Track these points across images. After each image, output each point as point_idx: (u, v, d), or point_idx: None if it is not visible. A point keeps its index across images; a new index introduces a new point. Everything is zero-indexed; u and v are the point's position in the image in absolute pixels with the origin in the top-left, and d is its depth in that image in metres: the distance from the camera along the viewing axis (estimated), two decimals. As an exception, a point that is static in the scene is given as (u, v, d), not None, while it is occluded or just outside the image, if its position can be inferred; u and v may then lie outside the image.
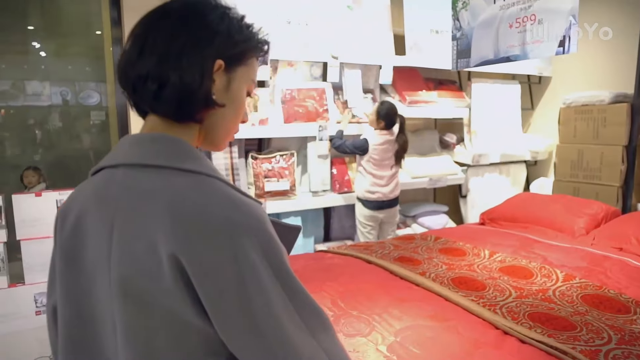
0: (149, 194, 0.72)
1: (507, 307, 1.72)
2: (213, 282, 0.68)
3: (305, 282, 1.77)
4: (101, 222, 0.75)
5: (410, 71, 4.08)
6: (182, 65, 0.75)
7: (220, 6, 0.81)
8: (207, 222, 0.68)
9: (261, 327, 0.69)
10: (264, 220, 0.72)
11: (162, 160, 0.74)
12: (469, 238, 2.58)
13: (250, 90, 0.86)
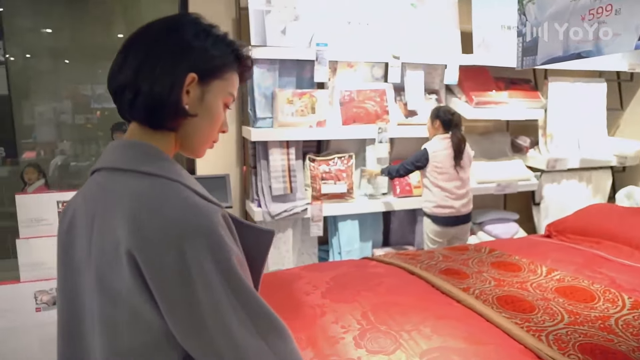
0: (117, 195, 0.80)
1: (555, 334, 1.51)
2: (162, 280, 0.74)
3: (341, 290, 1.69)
4: (85, 220, 0.83)
5: (478, 70, 3.82)
6: (154, 76, 0.82)
7: (199, 24, 0.88)
8: (159, 223, 0.75)
9: (208, 326, 0.74)
10: (214, 224, 0.76)
11: (130, 164, 0.82)
12: (528, 252, 2.33)
13: (227, 102, 0.93)
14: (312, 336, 1.58)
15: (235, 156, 3.61)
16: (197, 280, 0.74)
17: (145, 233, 0.75)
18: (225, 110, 0.95)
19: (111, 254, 0.77)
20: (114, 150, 0.86)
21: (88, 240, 0.82)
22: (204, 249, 0.74)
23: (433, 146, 3.17)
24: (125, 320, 0.77)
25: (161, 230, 0.74)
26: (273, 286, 2.05)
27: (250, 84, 3.27)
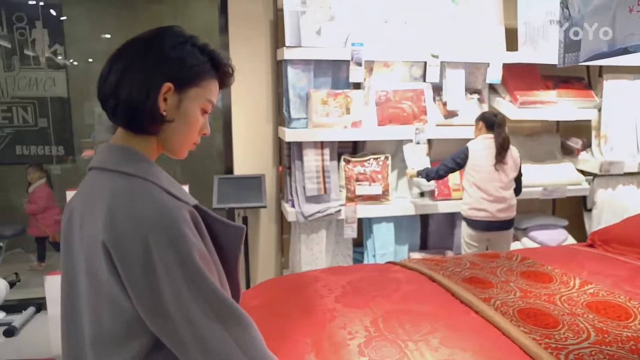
0: (101, 192, 0.88)
1: (577, 353, 1.38)
2: (129, 271, 0.82)
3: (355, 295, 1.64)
4: (79, 214, 0.92)
5: (525, 68, 3.61)
6: (132, 86, 0.89)
7: (178, 36, 0.94)
8: (128, 219, 0.83)
9: (171, 313, 0.82)
10: (177, 221, 0.84)
11: (113, 165, 0.90)
12: (563, 261, 2.16)
13: (205, 108, 0.97)
14: (318, 341, 1.54)
15: (271, 157, 3.63)
16: (159, 271, 0.81)
17: (116, 228, 0.83)
18: (204, 116, 0.99)
19: (94, 245, 0.85)
20: (101, 152, 0.94)
21: (80, 233, 0.91)
22: (166, 243, 0.82)
23: (474, 144, 3.07)
24: (105, 305, 0.86)
25: (129, 226, 0.83)
26: (290, 288, 2.03)
27: (285, 84, 3.27)
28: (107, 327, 0.86)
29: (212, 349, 0.83)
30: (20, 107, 4.27)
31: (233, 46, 3.47)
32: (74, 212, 0.94)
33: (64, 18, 4.40)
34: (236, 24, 3.45)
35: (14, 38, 4.16)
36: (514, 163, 3.06)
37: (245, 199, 3.29)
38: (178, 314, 0.82)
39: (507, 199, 3.02)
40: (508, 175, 3.04)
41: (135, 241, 0.82)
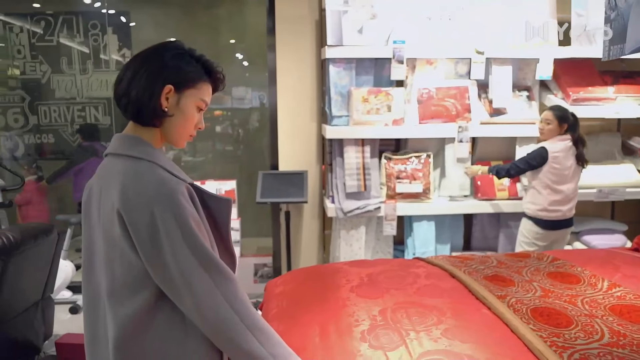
0: (114, 173, 1.09)
1: (583, 353, 1.34)
2: (138, 232, 1.03)
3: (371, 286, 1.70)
4: (97, 191, 1.13)
5: (581, 63, 3.43)
6: (139, 88, 1.09)
7: (178, 48, 1.16)
8: (136, 191, 1.04)
9: (169, 267, 1.03)
10: (176, 193, 1.05)
11: (124, 150, 1.12)
12: (597, 264, 2.05)
13: (200, 106, 1.17)
14: (325, 325, 1.60)
15: (315, 154, 3.72)
16: (161, 233, 1.02)
17: (128, 199, 1.04)
18: (199, 113, 1.19)
19: (110, 213, 1.07)
20: (115, 141, 1.16)
21: (98, 205, 1.12)
22: (167, 210, 1.03)
23: (554, 146, 2.94)
24: (118, 261, 1.07)
25: (138, 198, 1.04)
26: (314, 277, 2.10)
27: (327, 82, 3.35)
28: (120, 280, 1.07)
29: (200, 295, 1.03)
30: (92, 107, 4.66)
31: (279, 46, 3.61)
32: (93, 189, 1.15)
33: (133, 24, 4.75)
34: (283, 25, 3.58)
35: (89, 44, 4.55)
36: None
37: (287, 194, 3.41)
38: (175, 266, 1.03)
39: (576, 197, 3.03)
40: (579, 175, 3.03)
41: (143, 210, 1.03)
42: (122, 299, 1.07)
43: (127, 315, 1.06)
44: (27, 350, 2.76)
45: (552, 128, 2.95)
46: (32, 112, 4.63)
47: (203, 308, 1.03)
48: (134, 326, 1.06)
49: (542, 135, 3.01)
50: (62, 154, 4.75)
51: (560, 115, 2.95)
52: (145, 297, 1.06)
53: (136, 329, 1.06)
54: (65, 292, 3.75)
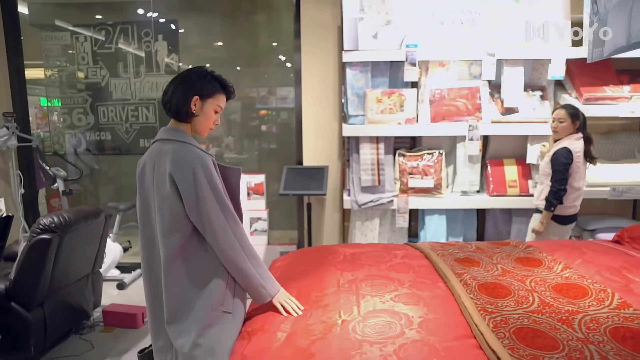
0: (165, 152, 1.68)
1: (506, 316, 1.59)
2: (183, 185, 1.62)
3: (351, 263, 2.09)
4: (150, 165, 1.71)
5: (599, 63, 3.51)
6: (177, 97, 1.72)
7: (203, 71, 1.77)
8: (180, 161, 1.64)
9: (200, 209, 1.63)
10: (206, 161, 1.66)
11: (170, 137, 1.72)
12: (565, 251, 2.24)
13: (216, 110, 1.80)
14: (301, 289, 1.94)
15: (336, 150, 4.07)
16: (197, 185, 1.63)
17: (176, 166, 1.64)
18: (216, 114, 1.82)
19: (163, 177, 1.65)
20: (162, 132, 1.77)
21: (151, 174, 1.70)
22: (201, 170, 1.63)
23: (575, 146, 3.06)
24: (167, 209, 1.66)
25: (183, 164, 1.64)
26: (311, 256, 2.45)
27: (344, 85, 3.69)
28: (167, 221, 1.66)
29: (216, 228, 1.65)
30: (144, 107, 5.24)
31: (304, 49, 3.98)
32: (146, 164, 1.74)
33: (181, 31, 5.31)
34: (307, 30, 3.96)
35: (142, 50, 5.14)
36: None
37: (308, 187, 3.78)
38: (203, 208, 1.64)
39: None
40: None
41: (187, 171, 1.63)
42: (168, 235, 1.67)
43: (172, 244, 1.66)
44: (79, 314, 3.31)
45: (566, 126, 3.06)
46: (93, 112, 5.27)
47: (218, 236, 1.65)
48: (175, 252, 1.67)
49: (556, 134, 3.11)
50: (118, 150, 5.37)
51: (573, 113, 3.06)
52: (183, 233, 1.67)
53: (176, 253, 1.67)
54: (114, 270, 4.32)
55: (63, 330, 3.19)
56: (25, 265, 2.81)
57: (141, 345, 3.11)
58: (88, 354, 3.07)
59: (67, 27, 5.21)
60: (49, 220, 2.85)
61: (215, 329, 1.66)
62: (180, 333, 1.67)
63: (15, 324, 2.79)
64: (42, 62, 5.19)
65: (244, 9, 5.52)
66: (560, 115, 3.11)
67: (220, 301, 1.68)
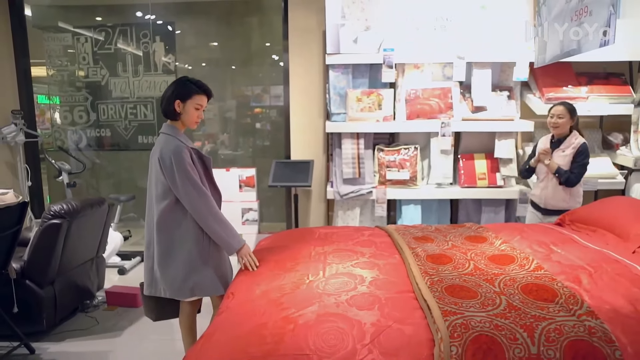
0: (160, 141, 2.36)
1: (441, 277, 1.99)
2: (166, 170, 2.28)
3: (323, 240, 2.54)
4: (154, 152, 2.35)
5: (560, 66, 3.95)
6: (166, 101, 2.36)
7: (182, 80, 2.38)
8: (165, 150, 2.29)
9: (178, 185, 2.27)
10: (180, 150, 2.27)
11: (165, 131, 2.38)
12: (508, 231, 2.64)
13: (197, 107, 2.36)
14: (280, 260, 2.35)
15: (322, 146, 4.48)
16: (175, 169, 2.24)
17: (162, 153, 2.27)
18: (198, 111, 2.37)
19: (156, 161, 2.29)
20: (162, 127, 2.40)
21: (154, 159, 2.31)
22: (177, 159, 2.25)
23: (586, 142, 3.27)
24: (159, 183, 2.30)
25: (166, 153, 2.26)
26: (293, 236, 2.85)
27: (328, 85, 4.10)
28: (160, 192, 2.30)
29: (191, 199, 2.25)
30: (142, 105, 5.64)
31: (292, 52, 4.40)
32: (152, 152, 2.35)
33: (178, 32, 5.71)
34: (295, 33, 4.37)
35: (140, 50, 5.53)
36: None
37: (294, 179, 4.19)
38: (180, 184, 2.24)
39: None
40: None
41: (167, 158, 2.24)
42: (160, 200, 2.31)
43: (162, 208, 2.30)
44: (85, 293, 3.72)
45: (566, 121, 3.22)
46: (94, 110, 5.67)
47: (192, 205, 2.26)
48: (165, 213, 2.30)
49: (557, 129, 3.26)
50: (117, 146, 5.77)
51: (571, 108, 3.24)
52: (169, 200, 2.30)
53: (165, 214, 2.30)
54: (115, 257, 4.73)
55: (71, 307, 3.60)
56: (38, 247, 3.21)
57: (143, 321, 3.52)
58: (93, 328, 3.47)
59: (69, 28, 5.60)
60: (59, 207, 3.25)
61: (197, 272, 2.33)
62: (167, 274, 2.33)
63: (29, 300, 3.19)
64: (44, 61, 5.58)
65: (238, 12, 5.92)
66: (559, 111, 3.26)
67: (197, 252, 2.32)
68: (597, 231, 2.62)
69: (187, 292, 2.35)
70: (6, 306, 3.04)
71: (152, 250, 2.38)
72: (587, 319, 1.64)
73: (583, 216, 2.81)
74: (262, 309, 1.83)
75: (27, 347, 3.11)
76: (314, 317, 1.71)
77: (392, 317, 1.70)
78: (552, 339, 1.55)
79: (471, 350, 1.53)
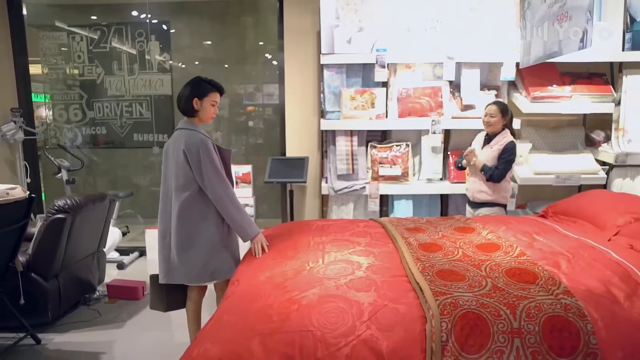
0: (181, 136, 2.59)
1: (433, 263, 2.17)
2: (192, 159, 2.53)
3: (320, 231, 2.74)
4: (172, 145, 2.62)
5: (546, 66, 4.15)
6: (184, 99, 2.62)
7: (197, 80, 2.65)
8: (190, 142, 2.55)
9: (203, 175, 2.53)
10: (208, 143, 2.57)
11: (185, 126, 2.64)
12: (495, 223, 2.83)
13: (212, 104, 2.65)
14: (281, 249, 2.52)
15: (316, 143, 4.65)
16: (201, 160, 2.51)
17: (188, 145, 2.53)
18: (214, 107, 2.65)
19: (180, 152, 2.53)
20: (180, 123, 2.66)
21: (172, 151, 2.58)
22: (204, 149, 2.52)
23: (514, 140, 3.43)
24: (181, 173, 2.55)
25: (192, 145, 2.53)
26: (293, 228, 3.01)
27: (322, 84, 4.27)
28: (181, 182, 2.54)
29: (212, 187, 2.52)
30: (137, 103, 5.75)
31: (287, 52, 4.56)
32: (169, 145, 2.61)
33: (173, 31, 5.84)
34: (290, 34, 4.53)
35: (136, 49, 5.65)
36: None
37: (290, 175, 4.35)
38: (205, 175, 2.51)
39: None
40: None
41: (194, 149, 2.51)
42: (181, 191, 2.54)
43: (185, 198, 2.53)
44: (87, 287, 3.85)
45: (497, 120, 3.41)
46: (89, 108, 5.78)
47: (215, 194, 2.51)
48: (188, 203, 2.53)
49: (490, 127, 3.45)
50: (112, 144, 5.89)
51: (503, 108, 3.43)
52: (191, 191, 2.54)
53: (188, 204, 2.54)
54: (114, 253, 4.86)
55: (74, 299, 3.73)
56: (43, 241, 3.34)
57: (143, 314, 3.67)
58: (96, 320, 3.61)
59: (64, 27, 5.70)
60: (63, 202, 3.39)
61: (216, 257, 2.59)
62: (188, 260, 2.56)
63: (35, 292, 3.33)
64: (39, 59, 5.68)
65: (232, 12, 6.07)
66: (492, 110, 3.43)
67: (218, 238, 2.59)
68: (577, 222, 2.82)
69: (206, 277, 2.61)
70: (13, 298, 3.17)
71: (169, 240, 2.60)
72: (564, 297, 1.82)
73: (565, 208, 3.01)
74: (267, 292, 2.00)
75: (33, 337, 3.24)
76: (315, 298, 1.88)
77: (387, 297, 1.87)
78: (532, 315, 1.74)
79: (459, 325, 1.71)
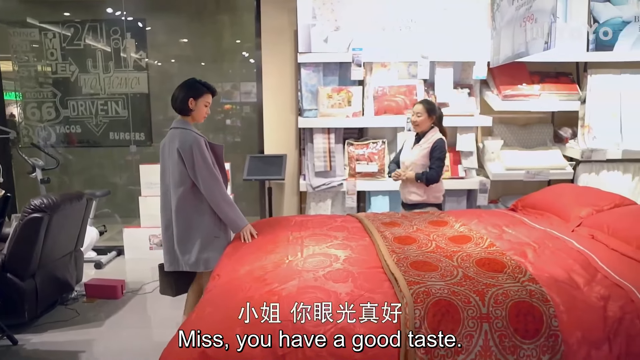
0: (176, 135, 2.80)
1: (407, 255, 2.28)
2: (186, 157, 2.75)
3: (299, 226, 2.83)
4: (167, 143, 2.85)
5: (515, 65, 4.30)
6: (180, 99, 2.83)
7: (195, 80, 2.88)
8: (184, 141, 2.76)
9: (196, 171, 2.75)
10: (200, 141, 2.77)
11: (179, 126, 2.85)
12: (467, 217, 2.96)
13: (206, 104, 2.88)
14: (261, 244, 2.60)
15: (294, 140, 4.73)
16: (194, 157, 2.73)
17: (182, 144, 2.73)
18: (206, 107, 2.87)
19: (174, 150, 2.75)
20: (175, 122, 2.86)
21: (168, 149, 2.80)
22: (196, 147, 2.73)
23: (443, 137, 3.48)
24: (177, 170, 2.77)
25: (186, 143, 2.73)
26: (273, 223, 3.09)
27: (300, 82, 4.35)
28: (177, 178, 2.78)
29: (206, 184, 2.74)
30: (113, 102, 5.72)
31: (264, 50, 4.63)
32: (165, 144, 2.84)
33: (149, 29, 5.82)
34: (267, 32, 4.60)
35: (111, 47, 5.62)
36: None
37: (268, 173, 4.42)
38: (198, 171, 2.73)
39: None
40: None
41: (188, 148, 2.72)
42: (178, 187, 2.77)
43: (181, 193, 2.76)
44: (65, 286, 3.86)
45: (424, 119, 3.42)
46: (63, 106, 5.72)
47: (207, 189, 2.73)
48: (183, 197, 2.76)
49: (417, 126, 3.46)
50: (87, 143, 5.85)
51: (429, 108, 3.42)
52: (186, 186, 2.76)
53: (184, 198, 2.76)
54: (91, 252, 4.86)
55: (51, 299, 3.73)
56: (19, 241, 3.34)
57: (122, 313, 3.70)
58: (74, 320, 3.62)
59: (35, 23, 5.63)
60: (39, 201, 3.39)
61: (210, 247, 2.82)
62: (186, 250, 2.82)
63: (11, 293, 3.32)
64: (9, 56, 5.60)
65: (209, 10, 6.10)
66: (418, 109, 3.45)
67: (212, 229, 2.83)
68: (544, 214, 2.97)
69: (201, 265, 2.84)
70: (-11, 298, 3.17)
71: (171, 231, 2.85)
72: (529, 284, 1.95)
73: (533, 202, 3.17)
74: (248, 285, 2.07)
75: (9, 338, 3.24)
76: (295, 289, 1.97)
77: (364, 287, 1.97)
78: (499, 301, 1.86)
79: (432, 312, 1.82)
